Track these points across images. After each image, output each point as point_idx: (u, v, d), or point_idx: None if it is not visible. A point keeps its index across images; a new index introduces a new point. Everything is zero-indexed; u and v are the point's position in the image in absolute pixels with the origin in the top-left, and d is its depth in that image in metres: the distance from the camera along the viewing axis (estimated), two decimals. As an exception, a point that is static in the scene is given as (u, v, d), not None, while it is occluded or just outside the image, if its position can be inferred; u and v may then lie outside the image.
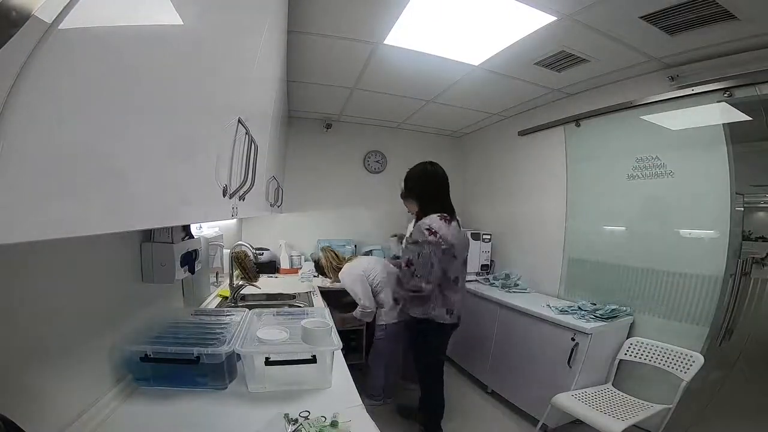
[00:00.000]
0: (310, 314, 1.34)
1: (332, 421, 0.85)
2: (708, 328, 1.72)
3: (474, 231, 3.02)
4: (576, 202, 2.43)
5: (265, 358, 0.98)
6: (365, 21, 1.67)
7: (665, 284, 1.89)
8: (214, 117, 0.67)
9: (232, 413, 0.92)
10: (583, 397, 1.79)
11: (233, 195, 0.79)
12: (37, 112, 0.24)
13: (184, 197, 0.57)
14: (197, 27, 0.52)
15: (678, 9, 1.43)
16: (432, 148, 3.73)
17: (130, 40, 0.36)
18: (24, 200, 0.25)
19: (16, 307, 0.62)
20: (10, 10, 0.21)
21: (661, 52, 1.79)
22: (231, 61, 0.74)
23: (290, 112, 3.10)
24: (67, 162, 0.29)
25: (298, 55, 2.03)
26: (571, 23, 1.59)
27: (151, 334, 1.02)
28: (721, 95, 1.70)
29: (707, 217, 1.75)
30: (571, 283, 2.43)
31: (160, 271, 1.09)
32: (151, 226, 0.50)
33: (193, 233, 1.39)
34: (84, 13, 0.27)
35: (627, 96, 2.08)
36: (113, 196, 0.36)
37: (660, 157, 1.94)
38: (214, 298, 1.94)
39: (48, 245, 0.67)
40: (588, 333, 1.80)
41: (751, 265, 1.74)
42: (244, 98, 0.87)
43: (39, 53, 0.23)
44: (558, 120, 2.52)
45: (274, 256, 2.95)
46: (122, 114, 0.36)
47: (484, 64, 2.04)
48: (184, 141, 0.55)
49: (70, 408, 0.75)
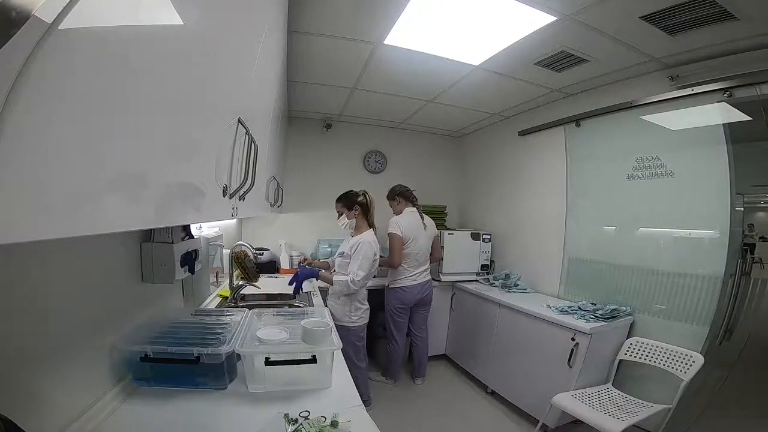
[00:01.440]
0: (310, 314, 1.34)
1: (332, 421, 0.85)
2: (708, 328, 1.72)
3: (474, 231, 3.02)
4: (576, 202, 2.43)
5: (265, 358, 0.98)
6: (365, 21, 1.67)
7: (665, 284, 1.89)
8: (214, 117, 0.67)
9: (232, 413, 0.92)
10: (583, 397, 1.79)
11: (233, 195, 0.79)
12: (37, 112, 0.24)
13: (184, 197, 0.57)
14: (197, 27, 0.52)
15: (678, 9, 1.43)
16: (432, 148, 3.74)
17: (130, 40, 0.36)
18: (24, 200, 0.25)
19: (16, 307, 0.62)
20: (10, 10, 0.21)
21: (661, 52, 1.79)
22: (231, 61, 0.74)
23: (290, 112, 3.10)
24: (66, 162, 0.29)
25: (298, 55, 2.03)
26: (571, 23, 1.59)
27: (151, 334, 1.02)
28: (721, 95, 1.70)
29: (707, 217, 1.75)
30: (571, 283, 2.43)
31: (160, 271, 1.09)
32: (151, 226, 0.50)
33: (193, 233, 1.39)
34: (84, 13, 0.27)
35: (627, 96, 2.08)
36: (113, 196, 0.36)
37: (660, 157, 1.94)
38: (214, 298, 1.94)
39: (48, 245, 0.67)
40: (588, 333, 1.80)
41: (751, 265, 1.74)
42: (244, 98, 0.87)
43: (39, 53, 0.23)
44: (558, 120, 2.52)
45: (274, 256, 2.95)
46: (122, 114, 0.36)
47: (484, 64, 2.04)
48: (184, 141, 0.55)
49: (70, 408, 0.75)
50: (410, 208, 2.55)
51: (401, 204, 2.58)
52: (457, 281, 2.89)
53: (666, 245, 1.92)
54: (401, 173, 3.62)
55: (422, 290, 2.50)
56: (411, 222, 2.48)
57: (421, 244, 2.49)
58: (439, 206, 3.51)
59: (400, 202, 2.58)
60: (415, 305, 2.53)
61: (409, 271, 2.47)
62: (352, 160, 3.49)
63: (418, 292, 2.48)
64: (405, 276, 2.47)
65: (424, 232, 2.51)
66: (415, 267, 2.48)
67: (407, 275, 2.47)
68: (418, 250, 2.47)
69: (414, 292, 2.48)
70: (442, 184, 3.76)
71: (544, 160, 2.70)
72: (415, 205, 2.58)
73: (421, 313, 2.61)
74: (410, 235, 2.44)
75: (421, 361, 2.68)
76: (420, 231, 2.49)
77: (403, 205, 2.57)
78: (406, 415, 2.25)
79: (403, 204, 2.58)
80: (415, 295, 2.48)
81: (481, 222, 3.41)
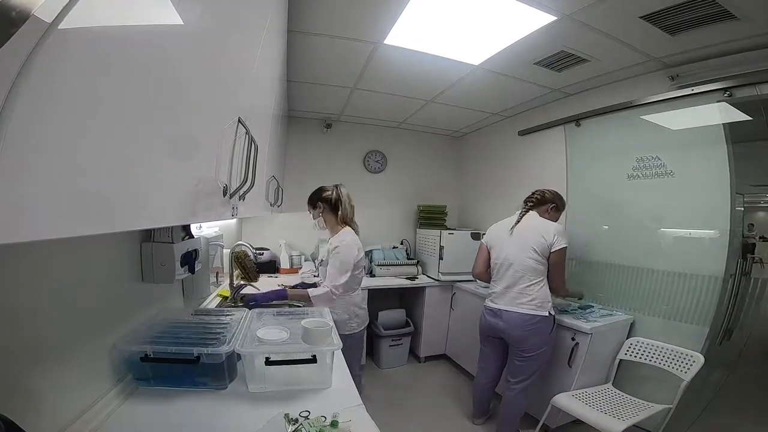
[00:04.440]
0: (310, 314, 1.34)
1: (332, 421, 0.85)
2: (708, 327, 1.72)
3: (474, 231, 3.02)
4: (576, 202, 2.43)
5: (265, 358, 0.98)
6: (365, 21, 1.67)
7: (665, 284, 1.89)
8: (214, 117, 0.67)
9: (232, 413, 0.92)
10: (583, 397, 1.79)
11: (233, 195, 0.79)
12: (37, 112, 0.24)
13: (184, 197, 0.57)
14: (197, 27, 0.52)
15: (678, 9, 1.43)
16: (432, 148, 3.74)
17: (130, 40, 0.36)
18: (24, 200, 0.25)
19: (16, 307, 0.62)
20: (10, 10, 0.21)
21: (661, 52, 1.79)
22: (231, 61, 0.74)
23: (290, 112, 3.10)
24: (66, 162, 0.29)
25: (298, 55, 2.03)
26: (572, 23, 1.59)
27: (151, 334, 1.02)
28: (721, 95, 1.70)
29: (707, 217, 1.75)
30: (570, 283, 2.42)
31: (160, 271, 1.09)
32: (151, 226, 0.50)
33: (193, 233, 1.39)
34: (84, 13, 0.27)
35: (627, 96, 2.08)
36: (113, 196, 0.36)
37: (660, 156, 1.94)
38: (214, 298, 1.94)
39: (48, 245, 0.67)
40: (588, 333, 1.80)
41: (751, 265, 1.74)
42: (244, 98, 0.87)
43: (39, 53, 0.23)
44: (558, 120, 2.52)
45: (274, 256, 2.95)
46: (122, 114, 0.36)
47: (484, 63, 2.04)
48: (184, 141, 0.55)
49: (70, 408, 0.75)
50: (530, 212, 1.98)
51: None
52: (457, 281, 2.89)
53: (666, 245, 1.92)
54: (401, 173, 3.62)
55: (497, 320, 1.88)
56: (499, 226, 2.04)
57: (507, 253, 1.91)
58: (439, 206, 3.52)
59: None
60: (500, 339, 1.94)
61: (491, 288, 1.99)
62: (352, 160, 3.49)
63: (490, 321, 1.93)
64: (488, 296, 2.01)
65: (509, 238, 1.92)
66: (495, 283, 1.96)
67: (489, 294, 2.00)
68: (501, 261, 1.92)
69: (485, 320, 1.97)
70: (442, 184, 3.76)
71: (544, 160, 2.70)
72: (527, 208, 2.00)
73: (516, 356, 1.86)
74: (492, 242, 2.02)
75: (502, 420, 1.93)
76: (505, 237, 1.95)
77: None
78: (406, 415, 2.25)
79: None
80: (488, 322, 1.95)
81: (481, 222, 3.40)
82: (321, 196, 1.80)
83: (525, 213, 1.96)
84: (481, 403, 2.14)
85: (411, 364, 3.01)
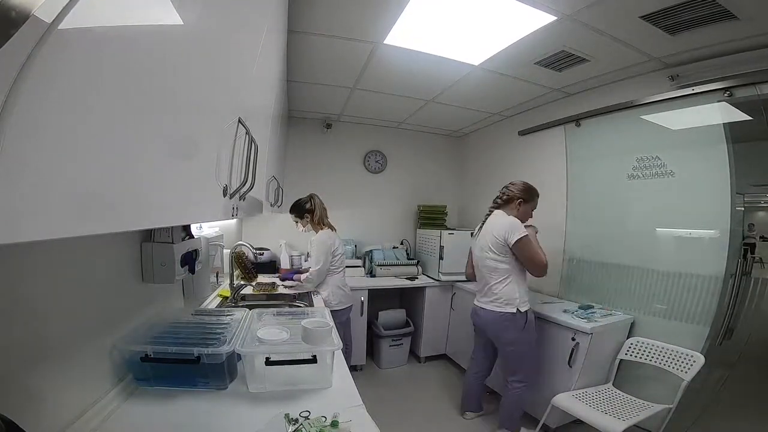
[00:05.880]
0: (310, 314, 1.34)
1: (332, 421, 0.85)
2: (708, 327, 1.72)
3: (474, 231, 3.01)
4: (576, 202, 2.43)
5: (265, 358, 0.98)
6: (365, 21, 1.67)
7: (665, 284, 1.89)
8: (214, 117, 0.67)
9: (233, 413, 0.92)
10: (583, 397, 1.79)
11: (233, 195, 0.79)
12: (36, 112, 0.24)
13: (184, 197, 0.57)
14: (197, 27, 0.52)
15: (678, 9, 1.43)
16: (432, 148, 3.74)
17: (130, 40, 0.36)
18: (24, 200, 0.25)
19: (17, 307, 0.62)
20: (10, 10, 0.21)
21: (661, 52, 1.79)
22: (231, 61, 0.74)
23: (290, 112, 3.10)
24: (66, 162, 0.29)
25: (298, 55, 2.03)
26: (572, 23, 1.59)
27: (152, 334, 1.02)
28: (721, 95, 1.70)
29: (707, 216, 1.75)
30: (571, 283, 2.43)
31: (160, 271, 1.09)
32: (151, 226, 0.50)
33: (193, 233, 1.39)
34: (84, 13, 0.27)
35: (627, 96, 2.08)
36: (113, 196, 0.36)
37: (660, 156, 1.94)
38: (214, 298, 1.94)
39: (48, 245, 0.67)
40: (588, 333, 1.80)
41: (752, 264, 1.73)
42: (244, 98, 0.87)
43: (39, 53, 0.23)
44: (558, 120, 2.52)
45: (274, 256, 2.95)
46: (122, 114, 0.36)
47: (484, 63, 2.04)
48: (184, 141, 0.54)
49: (70, 408, 0.76)
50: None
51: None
52: (457, 281, 2.89)
53: (666, 245, 1.92)
54: (401, 173, 3.63)
55: (477, 317, 2.02)
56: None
57: (475, 254, 2.02)
58: (439, 206, 3.52)
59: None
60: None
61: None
62: (352, 160, 3.49)
63: (473, 317, 2.07)
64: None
65: (476, 241, 2.04)
66: (476, 283, 2.08)
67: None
68: (475, 262, 2.04)
69: (472, 316, 2.08)
70: (442, 184, 3.76)
71: (544, 160, 2.70)
72: (492, 207, 2.04)
73: (499, 350, 1.97)
74: (472, 244, 2.11)
75: (502, 419, 1.98)
76: (474, 239, 2.07)
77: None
78: (406, 415, 2.24)
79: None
80: (473, 319, 2.08)
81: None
82: (306, 208, 2.27)
83: (489, 214, 2.03)
84: (470, 395, 2.21)
85: (411, 364, 3.01)
